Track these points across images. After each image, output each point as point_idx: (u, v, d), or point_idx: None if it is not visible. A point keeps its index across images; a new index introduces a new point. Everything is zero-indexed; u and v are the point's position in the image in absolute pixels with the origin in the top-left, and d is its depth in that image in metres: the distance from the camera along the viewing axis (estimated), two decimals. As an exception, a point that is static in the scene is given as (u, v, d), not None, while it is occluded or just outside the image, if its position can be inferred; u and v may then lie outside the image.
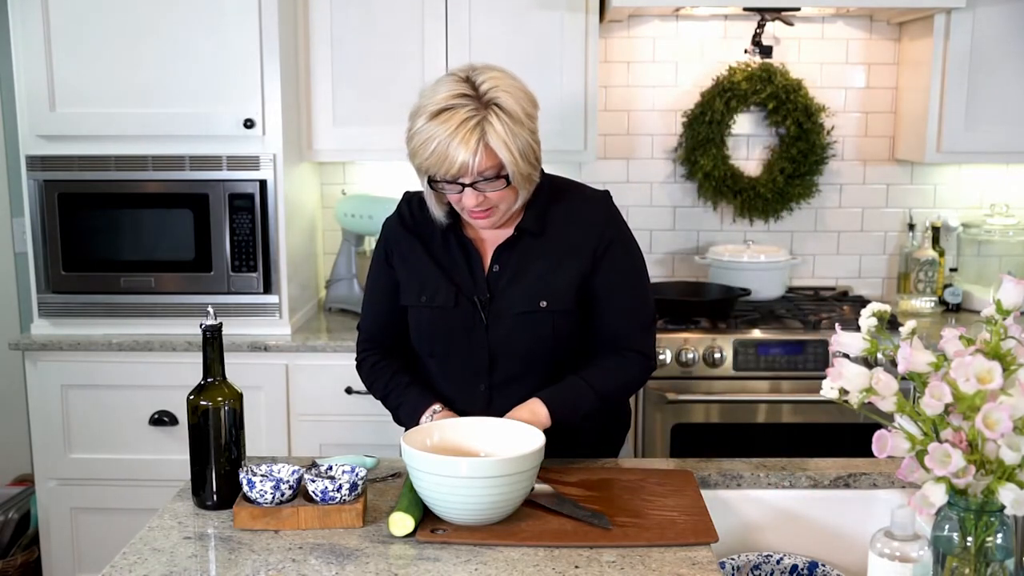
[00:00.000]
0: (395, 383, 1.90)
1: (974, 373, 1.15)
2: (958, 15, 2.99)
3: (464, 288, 1.83)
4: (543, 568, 1.42)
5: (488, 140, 1.66)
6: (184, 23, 2.79)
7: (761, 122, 3.39)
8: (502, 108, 1.67)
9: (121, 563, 1.44)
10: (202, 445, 1.62)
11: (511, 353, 1.83)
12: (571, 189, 1.90)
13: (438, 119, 1.66)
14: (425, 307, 1.85)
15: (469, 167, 1.67)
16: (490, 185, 1.70)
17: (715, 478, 1.77)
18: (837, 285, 3.48)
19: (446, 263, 1.85)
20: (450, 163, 1.66)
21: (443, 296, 1.84)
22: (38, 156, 2.85)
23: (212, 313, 1.64)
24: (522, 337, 1.82)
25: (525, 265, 1.83)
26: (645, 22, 3.36)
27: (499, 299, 1.82)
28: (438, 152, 1.66)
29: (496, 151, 1.66)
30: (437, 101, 1.67)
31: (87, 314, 2.91)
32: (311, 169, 3.25)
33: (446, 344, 1.86)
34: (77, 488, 2.92)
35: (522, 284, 1.82)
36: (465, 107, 1.66)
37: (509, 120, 1.67)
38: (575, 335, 1.84)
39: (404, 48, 3.02)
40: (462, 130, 1.64)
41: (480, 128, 1.65)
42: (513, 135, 1.67)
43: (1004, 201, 3.35)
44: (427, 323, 1.86)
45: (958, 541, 1.25)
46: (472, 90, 1.68)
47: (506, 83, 1.71)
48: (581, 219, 1.84)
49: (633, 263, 1.88)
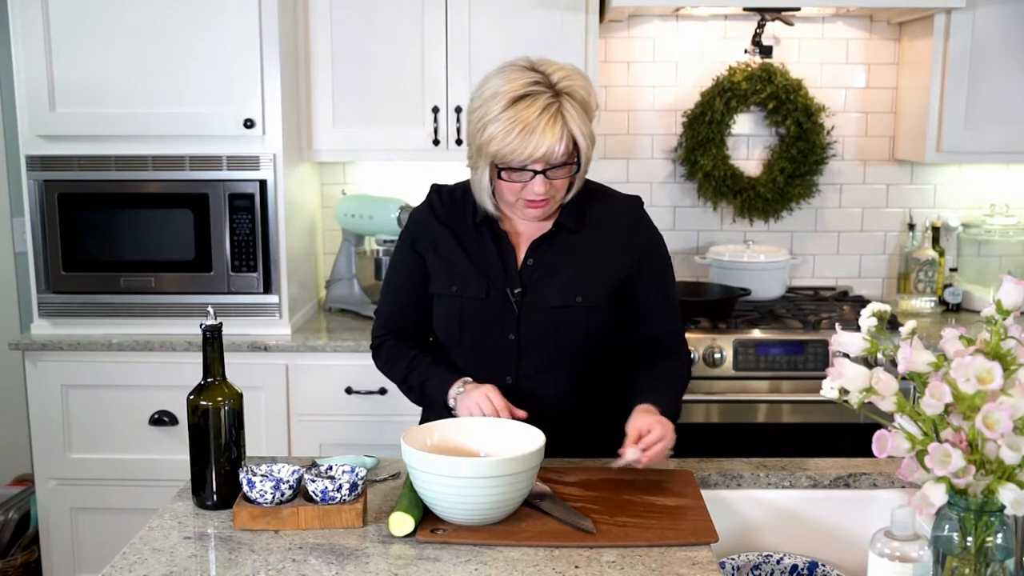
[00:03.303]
0: (418, 362, 1.89)
1: (974, 373, 1.15)
2: (958, 15, 2.99)
3: (496, 280, 1.84)
4: (543, 568, 1.42)
5: (569, 126, 1.69)
6: (184, 23, 2.79)
7: (761, 122, 3.39)
8: (573, 96, 1.71)
9: (121, 563, 1.44)
10: (202, 445, 1.62)
11: (540, 347, 1.83)
12: (605, 191, 1.94)
13: (519, 105, 1.68)
14: (456, 297, 1.86)
15: (554, 152, 1.69)
16: (559, 172, 1.73)
17: (715, 478, 1.77)
18: (837, 285, 3.48)
19: (478, 255, 1.86)
20: (535, 147, 1.68)
21: (474, 287, 1.84)
22: (38, 156, 2.85)
23: (212, 313, 1.64)
24: (553, 332, 1.82)
25: (560, 261, 1.84)
26: (645, 22, 3.36)
27: (532, 293, 1.83)
28: (521, 138, 1.68)
29: (576, 137, 1.71)
30: (515, 88, 1.69)
31: (87, 314, 2.91)
32: (311, 169, 3.25)
33: (475, 335, 1.86)
34: (77, 488, 2.92)
35: (557, 279, 1.83)
36: (544, 94, 1.69)
37: (580, 107, 1.71)
38: (606, 333, 1.86)
39: (404, 48, 3.02)
40: (545, 116, 1.67)
41: (561, 115, 1.69)
42: (584, 122, 1.72)
43: (1004, 201, 3.35)
44: (457, 313, 1.86)
45: (958, 541, 1.25)
46: (545, 78, 1.71)
47: (573, 71, 1.74)
48: (618, 220, 1.88)
49: (670, 266, 1.94)
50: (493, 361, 1.86)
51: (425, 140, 3.05)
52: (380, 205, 3.14)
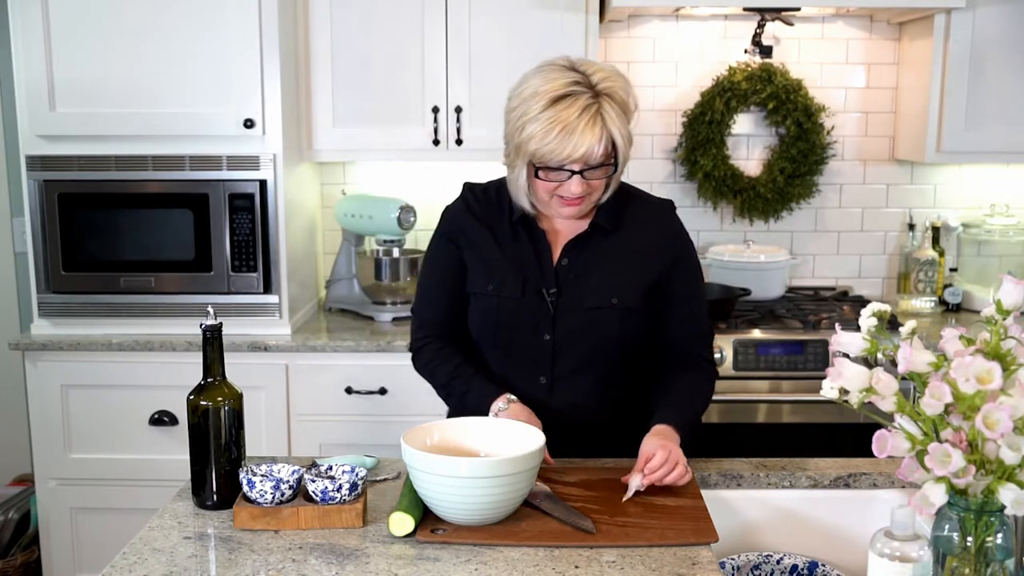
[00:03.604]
0: (462, 371, 1.87)
1: (974, 373, 1.15)
2: (958, 15, 2.99)
3: (532, 279, 1.84)
4: (543, 568, 1.42)
5: (609, 127, 1.69)
6: (184, 23, 2.79)
7: (761, 122, 3.39)
8: (613, 97, 1.70)
9: (121, 563, 1.44)
10: (202, 445, 1.62)
11: (575, 347, 1.83)
12: (639, 193, 1.94)
13: (559, 105, 1.68)
14: (492, 296, 1.85)
15: (593, 153, 1.69)
16: (596, 173, 1.73)
17: (715, 478, 1.77)
18: (837, 285, 3.48)
19: (514, 254, 1.85)
20: (574, 148, 1.68)
21: (511, 286, 1.84)
22: (38, 156, 2.85)
23: (212, 313, 1.64)
24: (588, 332, 1.82)
25: (596, 261, 1.84)
26: (645, 22, 3.36)
27: (567, 293, 1.83)
28: (560, 138, 1.68)
29: (615, 138, 1.70)
30: (555, 88, 1.69)
31: (87, 314, 2.91)
32: (311, 169, 3.25)
33: (510, 334, 1.86)
34: (77, 488, 2.92)
35: (592, 280, 1.83)
36: (584, 94, 1.68)
37: (620, 109, 1.71)
38: (641, 334, 1.85)
39: (404, 48, 3.02)
40: (586, 116, 1.67)
41: (600, 116, 1.68)
42: (625, 122, 1.72)
43: (1004, 201, 3.35)
44: (493, 312, 1.86)
45: (958, 541, 1.25)
46: (585, 79, 1.70)
47: (613, 71, 1.74)
48: (653, 223, 1.88)
49: (699, 273, 1.93)
50: (528, 361, 1.85)
51: (425, 140, 3.05)
52: (380, 205, 3.14)
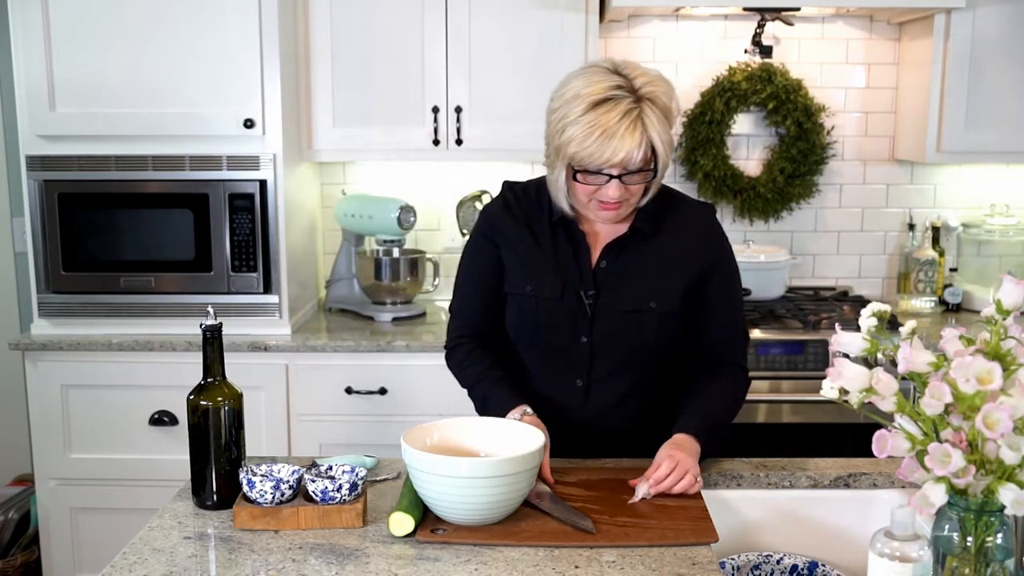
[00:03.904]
0: (488, 375, 1.86)
1: (974, 373, 1.15)
2: (958, 15, 2.99)
3: (571, 281, 1.82)
4: (543, 568, 1.42)
5: (648, 132, 1.67)
6: (184, 23, 2.79)
7: (761, 122, 3.39)
8: (655, 103, 1.69)
9: (121, 563, 1.44)
10: (202, 445, 1.62)
11: (612, 350, 1.82)
12: (679, 196, 1.93)
13: (599, 109, 1.66)
14: (531, 296, 1.84)
15: (632, 158, 1.68)
16: (635, 178, 1.72)
17: (715, 478, 1.77)
18: (837, 285, 3.48)
19: (554, 254, 1.84)
20: (613, 152, 1.66)
21: (549, 287, 1.82)
22: (38, 156, 2.85)
23: (212, 313, 1.64)
24: (626, 335, 1.81)
25: (634, 264, 1.83)
26: (645, 22, 3.36)
27: (605, 295, 1.82)
28: (599, 142, 1.66)
29: (655, 144, 1.69)
30: (597, 91, 1.67)
31: (87, 314, 2.91)
32: (311, 169, 3.25)
33: (548, 336, 1.84)
34: (77, 488, 2.92)
35: (631, 283, 1.82)
36: (625, 99, 1.67)
37: (662, 115, 1.70)
38: (678, 339, 1.84)
39: (404, 48, 3.02)
40: (626, 121, 1.66)
41: (641, 121, 1.67)
42: (665, 130, 1.70)
43: (1004, 201, 3.35)
44: (532, 313, 1.84)
45: (958, 541, 1.25)
46: (627, 83, 1.69)
47: (657, 77, 1.72)
48: (692, 226, 1.87)
49: (738, 275, 1.92)
50: (565, 363, 1.84)
51: (425, 140, 3.05)
52: (380, 205, 3.14)
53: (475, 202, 3.28)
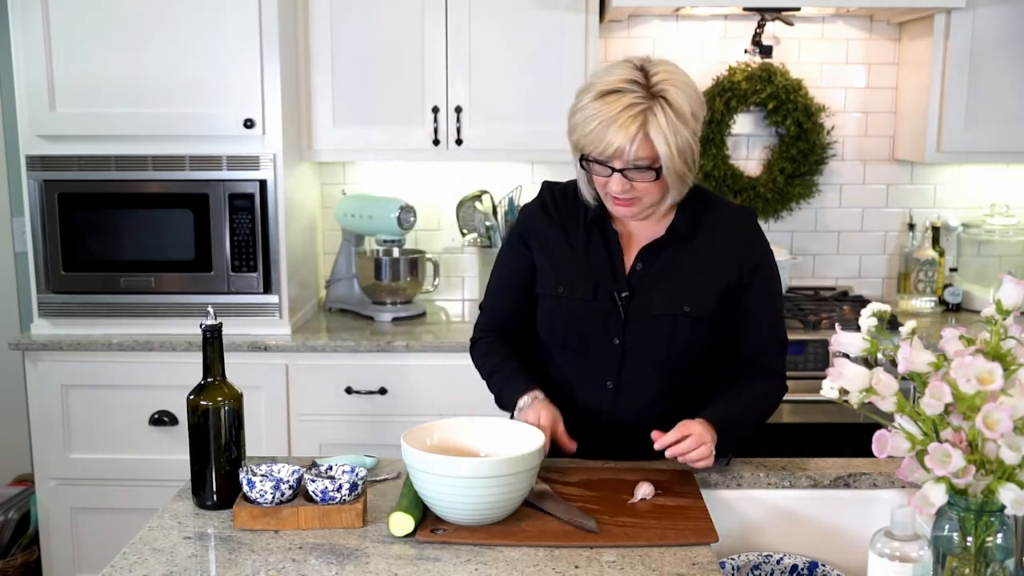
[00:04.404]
0: (503, 366, 1.87)
1: (974, 373, 1.15)
2: (958, 15, 2.99)
3: (603, 282, 1.81)
4: (543, 568, 1.42)
5: (649, 130, 1.66)
6: (184, 23, 2.79)
7: (761, 122, 3.39)
8: (669, 101, 1.67)
9: (121, 563, 1.44)
10: (202, 445, 1.62)
11: (644, 354, 1.81)
12: (719, 200, 1.91)
13: (604, 99, 1.67)
14: (563, 298, 1.83)
15: (624, 152, 1.67)
16: (640, 175, 1.70)
17: (715, 478, 1.77)
18: (837, 285, 3.48)
19: (587, 255, 1.84)
20: (606, 144, 1.67)
21: (581, 288, 1.82)
22: (38, 156, 2.85)
23: (212, 313, 1.64)
24: (658, 339, 1.80)
25: (670, 268, 1.81)
26: (645, 22, 3.36)
27: (639, 298, 1.80)
28: (597, 131, 1.67)
29: (655, 142, 1.67)
30: (608, 82, 1.68)
31: (87, 314, 2.91)
32: (311, 169, 3.25)
33: (579, 337, 1.84)
34: (77, 488, 2.92)
35: (666, 286, 1.80)
36: (633, 93, 1.66)
37: (673, 115, 1.67)
38: (711, 345, 1.82)
39: (404, 48, 3.02)
40: (625, 115, 1.65)
41: (643, 116, 1.66)
42: (674, 131, 1.67)
43: (1004, 201, 3.35)
44: (563, 314, 1.84)
45: (958, 541, 1.25)
46: (644, 78, 1.68)
47: (678, 79, 1.70)
48: (732, 231, 1.84)
49: (779, 281, 1.90)
50: (596, 364, 1.83)
51: (425, 140, 3.05)
52: (380, 205, 3.14)
53: (475, 202, 3.28)
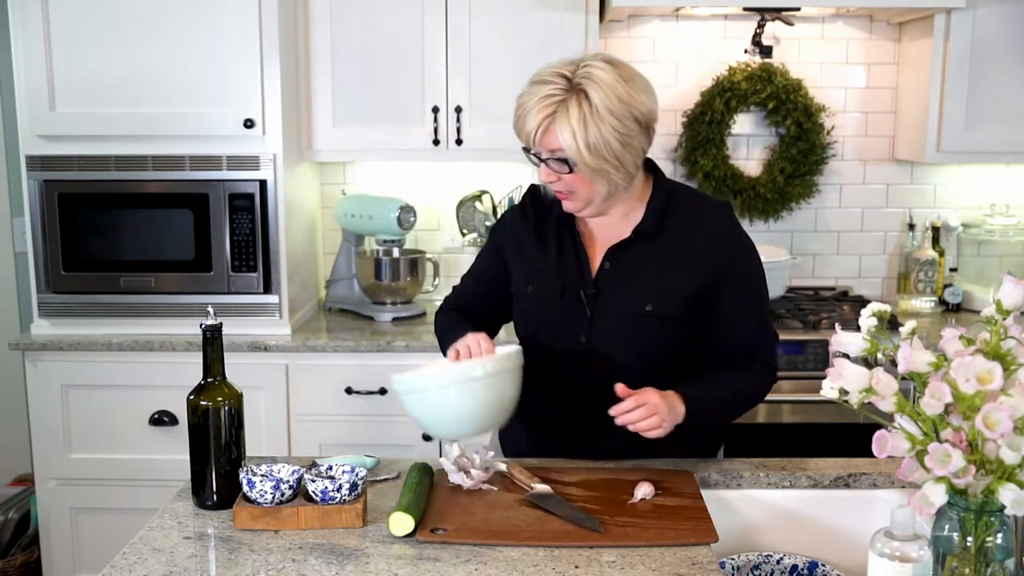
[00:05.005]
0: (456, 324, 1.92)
1: (974, 373, 1.15)
2: (958, 15, 2.99)
3: (572, 282, 1.83)
4: (543, 568, 1.42)
5: (555, 120, 1.68)
6: (184, 23, 2.79)
7: (761, 122, 3.39)
8: (587, 97, 1.68)
9: (121, 563, 1.44)
10: (202, 445, 1.62)
11: (610, 352, 1.81)
12: (694, 197, 1.90)
13: (532, 87, 1.73)
14: (532, 296, 1.87)
15: (532, 138, 1.72)
16: (556, 166, 1.73)
17: (715, 478, 1.77)
18: (837, 285, 3.48)
19: (557, 254, 1.86)
20: (521, 129, 1.74)
21: (549, 287, 1.84)
22: (38, 156, 2.85)
23: (212, 313, 1.64)
24: (623, 339, 1.80)
25: (637, 267, 1.81)
26: (645, 22, 3.36)
27: (605, 297, 1.81)
28: (518, 116, 1.75)
29: (558, 134, 1.68)
30: (541, 73, 1.73)
31: (87, 314, 2.91)
32: (311, 169, 3.25)
33: (548, 335, 1.86)
34: (77, 488, 2.92)
35: (630, 286, 1.81)
36: (554, 84, 1.70)
37: (587, 110, 1.67)
38: (681, 344, 1.82)
39: (404, 48, 3.02)
40: (541, 103, 1.69)
41: (554, 107, 1.68)
42: (585, 126, 1.67)
43: (1004, 201, 3.35)
44: (533, 312, 1.88)
45: (958, 541, 1.25)
46: (572, 73, 1.70)
47: (605, 77, 1.69)
48: (703, 227, 1.83)
49: (759, 274, 1.88)
50: (565, 362, 1.84)
51: (425, 140, 3.05)
52: (380, 205, 3.14)
53: (475, 202, 3.28)
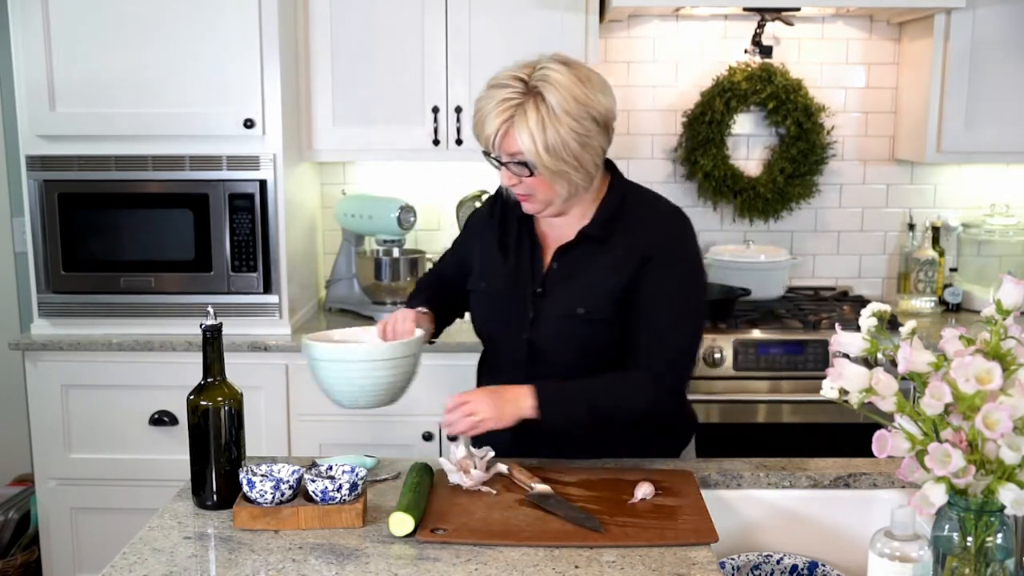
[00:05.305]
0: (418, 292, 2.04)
1: (974, 373, 1.15)
2: (958, 15, 2.99)
3: (522, 280, 1.86)
4: (543, 568, 1.42)
5: (514, 123, 1.69)
6: (184, 23, 2.79)
7: (761, 122, 3.39)
8: (544, 99, 1.68)
9: (121, 563, 1.44)
10: (202, 445, 1.62)
11: (549, 352, 1.83)
12: (646, 201, 1.88)
13: (489, 91, 1.73)
14: (483, 292, 1.91)
15: (491, 142, 1.72)
16: (517, 169, 1.73)
17: (715, 478, 1.77)
18: (837, 285, 3.48)
19: (512, 252, 1.89)
20: (480, 133, 1.74)
21: (500, 284, 1.88)
22: (38, 156, 2.85)
23: (212, 313, 1.64)
24: (560, 340, 1.82)
25: (579, 268, 1.83)
26: (645, 22, 3.36)
27: (549, 298, 1.83)
28: (477, 121, 1.75)
29: (517, 137, 1.69)
30: (498, 76, 1.74)
31: (87, 314, 2.91)
32: (311, 169, 3.25)
33: (495, 331, 1.91)
34: (77, 488, 2.92)
35: (569, 288, 1.82)
36: (512, 88, 1.70)
37: (545, 113, 1.67)
38: (612, 347, 1.81)
39: (404, 48, 3.02)
40: (499, 107, 1.69)
41: (512, 111, 1.69)
42: (543, 128, 1.67)
43: (1004, 201, 3.35)
44: (482, 307, 1.93)
45: (958, 541, 1.25)
46: (528, 75, 1.71)
47: (562, 79, 1.69)
48: (646, 230, 1.81)
49: (679, 284, 1.80)
50: (510, 359, 1.87)
51: (425, 140, 3.05)
52: (380, 205, 3.14)
53: (475, 202, 3.28)
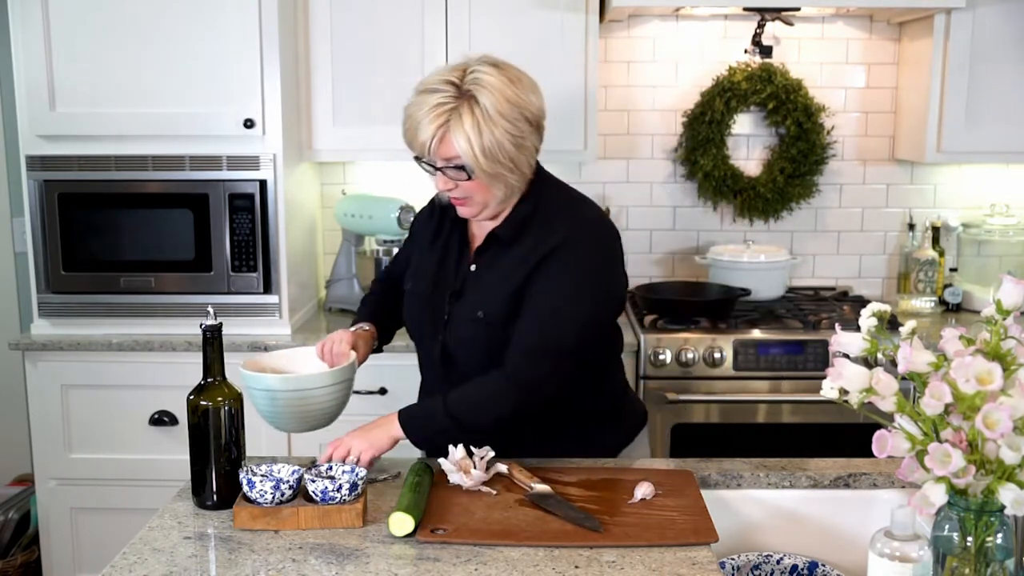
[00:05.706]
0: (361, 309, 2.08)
1: (974, 374, 1.15)
2: (958, 15, 2.99)
3: (444, 282, 1.87)
4: (543, 568, 1.42)
5: (450, 128, 1.68)
6: (184, 23, 2.79)
7: (761, 122, 3.39)
8: (477, 102, 1.67)
9: (121, 563, 1.44)
10: (202, 445, 1.63)
11: (459, 355, 1.85)
12: (564, 201, 1.83)
13: (420, 96, 1.72)
14: (410, 293, 1.94)
15: (427, 148, 1.71)
16: (453, 174, 1.72)
17: (715, 478, 1.77)
18: (837, 285, 3.48)
19: (440, 255, 1.90)
20: (414, 140, 1.72)
21: (423, 285, 1.90)
22: (38, 156, 2.85)
23: (212, 313, 1.64)
24: (466, 342, 1.83)
25: (489, 271, 1.83)
26: (645, 22, 3.36)
27: (462, 300, 1.84)
28: (409, 128, 1.73)
29: (454, 141, 1.68)
30: (426, 81, 1.73)
31: (87, 314, 2.91)
32: (311, 169, 3.25)
33: (415, 331, 1.94)
34: (77, 488, 2.92)
35: (475, 291, 1.83)
36: (444, 92, 1.69)
37: (480, 116, 1.66)
38: None
39: (404, 48, 3.02)
40: (432, 112, 1.68)
41: (447, 115, 1.68)
42: (479, 131, 1.66)
43: (1004, 201, 3.35)
44: (408, 308, 1.95)
45: (958, 541, 1.25)
46: (460, 79, 1.70)
47: (494, 81, 1.68)
48: (546, 232, 1.76)
49: (561, 284, 1.73)
50: (429, 360, 1.92)
51: (425, 140, 3.05)
52: (380, 205, 3.14)
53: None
